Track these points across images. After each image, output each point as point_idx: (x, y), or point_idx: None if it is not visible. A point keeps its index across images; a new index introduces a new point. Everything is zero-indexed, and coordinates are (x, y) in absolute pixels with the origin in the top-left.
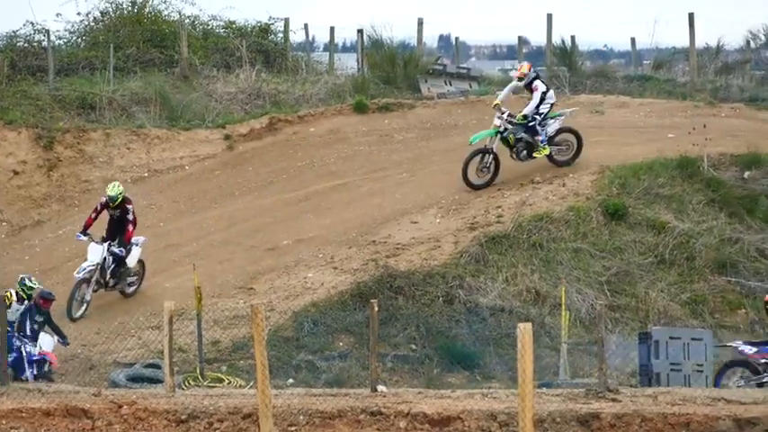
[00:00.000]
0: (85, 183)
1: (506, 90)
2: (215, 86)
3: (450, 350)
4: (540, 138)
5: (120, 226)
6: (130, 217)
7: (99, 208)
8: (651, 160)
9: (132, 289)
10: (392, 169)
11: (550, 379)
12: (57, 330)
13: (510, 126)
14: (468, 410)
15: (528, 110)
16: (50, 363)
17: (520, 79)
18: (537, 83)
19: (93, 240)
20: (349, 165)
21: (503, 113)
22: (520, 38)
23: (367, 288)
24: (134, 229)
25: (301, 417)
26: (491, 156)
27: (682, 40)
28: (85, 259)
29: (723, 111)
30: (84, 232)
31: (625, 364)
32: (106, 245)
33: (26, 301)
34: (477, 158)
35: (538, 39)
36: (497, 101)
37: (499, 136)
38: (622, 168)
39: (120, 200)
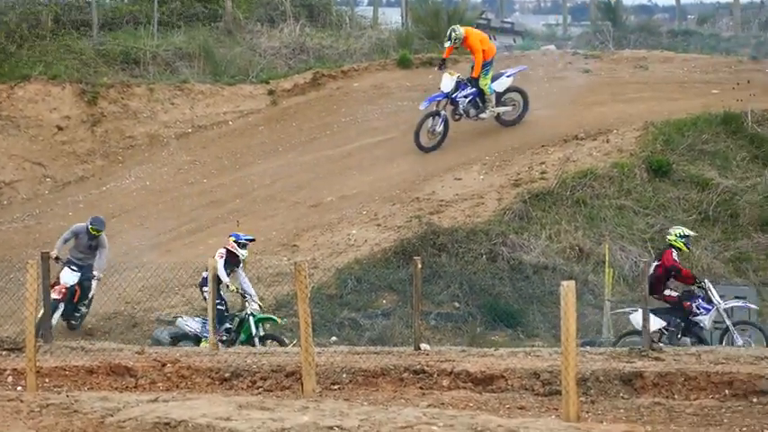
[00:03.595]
0: (129, 138)
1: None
2: (259, 41)
3: (493, 308)
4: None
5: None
6: None
7: None
8: (695, 116)
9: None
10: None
11: (594, 337)
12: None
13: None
14: (512, 369)
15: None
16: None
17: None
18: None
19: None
20: (393, 120)
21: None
22: None
23: (410, 245)
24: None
25: (344, 375)
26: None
27: None
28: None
29: (767, 66)
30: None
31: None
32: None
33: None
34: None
35: None
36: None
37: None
38: (666, 124)
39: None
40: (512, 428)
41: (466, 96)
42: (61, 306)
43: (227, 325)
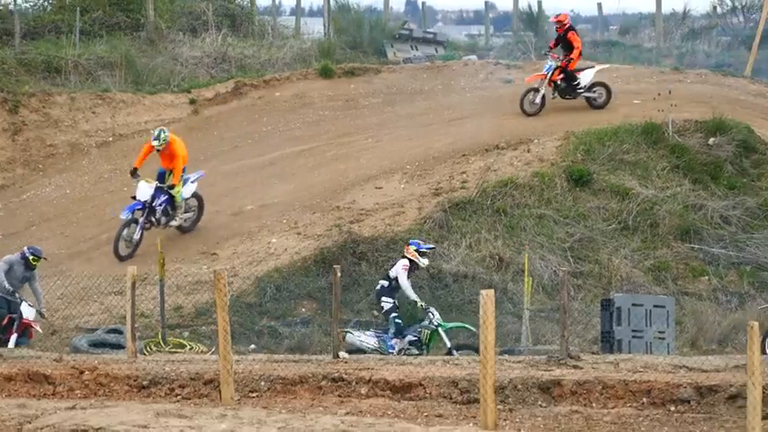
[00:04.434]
0: (50, 147)
1: None
2: (181, 50)
3: (412, 316)
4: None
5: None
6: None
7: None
8: (616, 126)
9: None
10: (357, 134)
11: (512, 345)
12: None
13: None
14: (430, 377)
15: None
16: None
17: None
18: None
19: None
20: (314, 130)
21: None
22: (486, 3)
23: (330, 254)
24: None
25: (263, 383)
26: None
27: (648, 6)
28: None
29: (689, 77)
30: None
31: (587, 330)
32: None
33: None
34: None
35: (505, 4)
36: None
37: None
38: (587, 134)
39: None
40: None
41: (161, 204)
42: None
43: (411, 337)
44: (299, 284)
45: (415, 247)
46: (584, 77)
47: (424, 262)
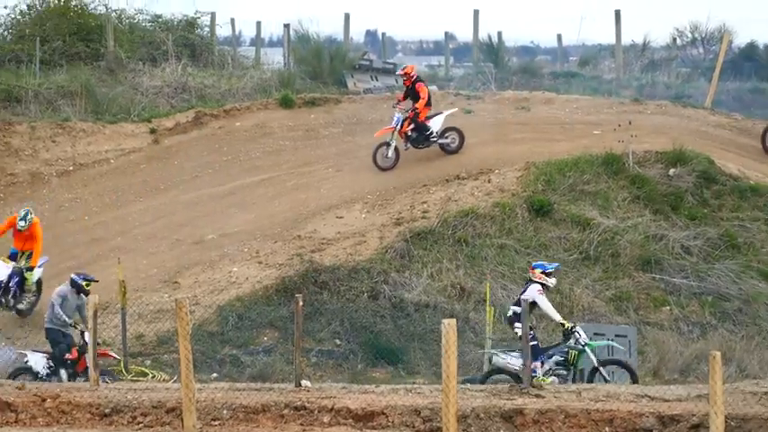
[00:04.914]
0: (10, 176)
1: None
2: (141, 80)
3: (374, 345)
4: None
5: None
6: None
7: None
8: (576, 157)
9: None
10: (318, 164)
11: (474, 375)
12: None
13: None
14: (392, 406)
15: None
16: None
17: None
18: None
19: None
20: (274, 159)
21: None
22: (446, 33)
23: (292, 283)
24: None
25: (225, 411)
26: None
27: (608, 37)
28: None
29: (649, 108)
30: None
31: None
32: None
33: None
34: None
35: (464, 35)
36: None
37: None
38: (548, 165)
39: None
40: None
41: (13, 285)
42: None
43: (558, 357)
44: (261, 313)
45: (540, 270)
46: (435, 124)
47: (552, 282)
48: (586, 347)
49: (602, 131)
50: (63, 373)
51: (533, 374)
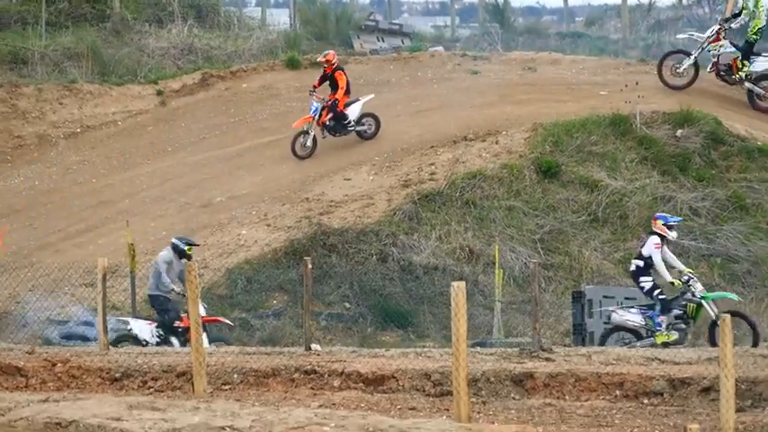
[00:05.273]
0: (18, 138)
1: None
2: (147, 42)
3: (383, 309)
4: None
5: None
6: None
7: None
8: (584, 118)
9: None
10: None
11: (484, 338)
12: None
13: None
14: (402, 369)
15: None
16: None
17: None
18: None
19: None
20: (282, 121)
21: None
22: None
23: (300, 245)
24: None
25: (235, 375)
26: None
27: None
28: None
29: (655, 68)
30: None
31: (558, 323)
32: None
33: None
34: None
35: None
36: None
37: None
38: (555, 126)
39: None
40: (403, 429)
41: None
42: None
43: (677, 311)
44: (270, 276)
45: (662, 221)
46: (353, 112)
47: (672, 235)
48: (703, 300)
49: (609, 92)
50: (174, 341)
51: (658, 329)
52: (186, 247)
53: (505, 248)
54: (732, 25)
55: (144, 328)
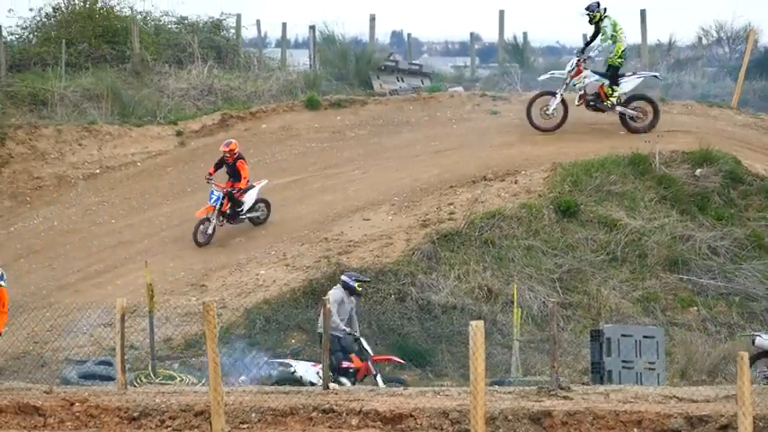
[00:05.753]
0: (37, 179)
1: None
2: (167, 82)
3: (402, 347)
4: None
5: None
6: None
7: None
8: (603, 157)
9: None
10: (344, 166)
11: (502, 376)
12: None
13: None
14: (420, 408)
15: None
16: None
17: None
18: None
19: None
20: (301, 161)
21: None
22: (472, 34)
23: (319, 285)
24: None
25: (253, 414)
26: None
27: (634, 37)
28: None
29: (675, 107)
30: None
31: (577, 361)
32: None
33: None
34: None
35: (490, 35)
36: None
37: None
38: (574, 165)
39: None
40: None
41: None
42: None
43: None
44: (289, 316)
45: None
46: (249, 199)
47: None
48: None
49: (629, 132)
50: (345, 380)
51: None
52: (356, 284)
53: (524, 288)
54: (591, 54)
55: (309, 370)
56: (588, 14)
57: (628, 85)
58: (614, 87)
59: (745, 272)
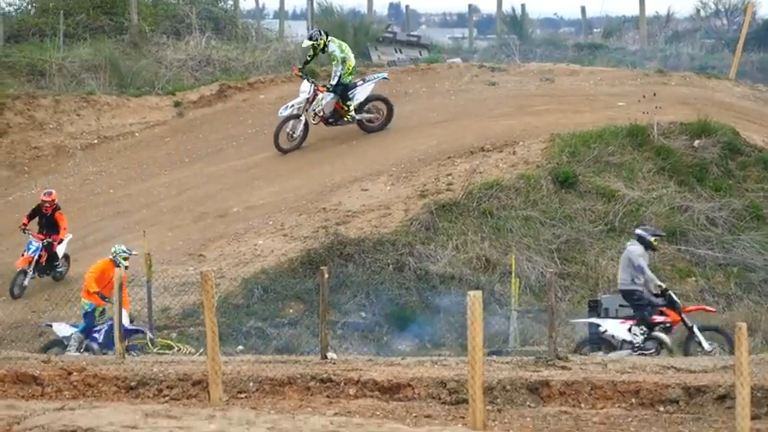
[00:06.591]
0: (35, 149)
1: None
2: (165, 53)
3: (400, 317)
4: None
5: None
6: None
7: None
8: (601, 128)
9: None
10: (343, 136)
11: (500, 346)
12: None
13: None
14: (418, 378)
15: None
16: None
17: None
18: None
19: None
20: None
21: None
22: (470, 6)
23: (317, 255)
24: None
25: (251, 384)
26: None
27: (632, 9)
28: None
29: (673, 79)
30: None
31: (575, 331)
32: None
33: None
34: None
35: (488, 7)
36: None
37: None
38: (572, 136)
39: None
40: None
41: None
42: None
43: None
44: (286, 286)
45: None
46: (60, 250)
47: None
48: None
49: (627, 103)
50: (664, 336)
51: None
52: (653, 239)
53: (522, 258)
54: (332, 82)
55: (619, 328)
56: (313, 44)
57: (362, 93)
58: (348, 101)
59: (743, 242)
